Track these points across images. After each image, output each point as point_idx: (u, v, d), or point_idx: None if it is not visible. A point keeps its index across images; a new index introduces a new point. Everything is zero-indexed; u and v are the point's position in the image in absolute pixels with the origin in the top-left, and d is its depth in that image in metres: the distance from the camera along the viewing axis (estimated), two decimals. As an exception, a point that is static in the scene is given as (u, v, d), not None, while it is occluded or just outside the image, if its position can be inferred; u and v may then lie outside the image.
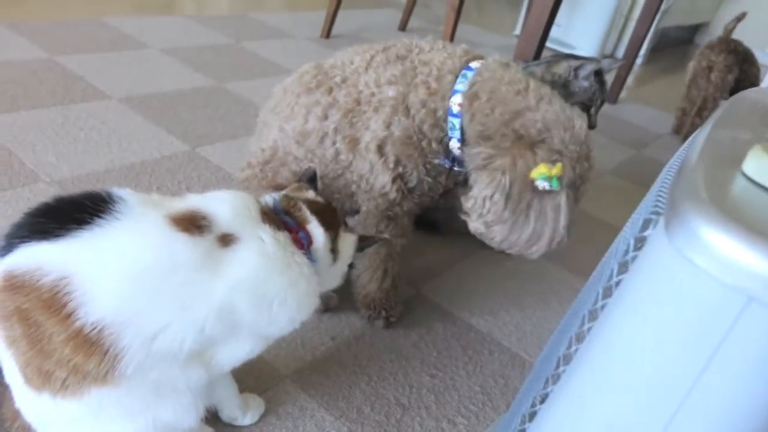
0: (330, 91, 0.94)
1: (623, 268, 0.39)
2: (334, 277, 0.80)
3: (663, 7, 3.29)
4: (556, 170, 0.79)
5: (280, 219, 0.71)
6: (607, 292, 0.40)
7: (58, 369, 0.59)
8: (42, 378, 0.60)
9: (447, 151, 0.93)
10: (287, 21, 2.79)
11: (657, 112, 2.73)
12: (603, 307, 0.40)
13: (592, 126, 1.30)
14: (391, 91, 0.90)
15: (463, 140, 0.89)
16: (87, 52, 1.93)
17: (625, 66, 2.61)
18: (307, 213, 0.73)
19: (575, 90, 1.24)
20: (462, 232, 1.42)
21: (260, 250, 0.64)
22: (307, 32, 2.67)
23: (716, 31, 3.99)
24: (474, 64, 0.90)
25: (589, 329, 0.41)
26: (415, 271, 1.27)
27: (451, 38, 2.30)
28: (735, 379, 0.31)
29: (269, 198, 0.74)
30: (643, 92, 3.07)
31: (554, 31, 3.37)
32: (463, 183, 1.03)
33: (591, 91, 1.24)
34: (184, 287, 0.60)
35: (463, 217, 0.88)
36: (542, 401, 0.46)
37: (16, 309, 0.57)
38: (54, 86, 1.65)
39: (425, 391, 0.97)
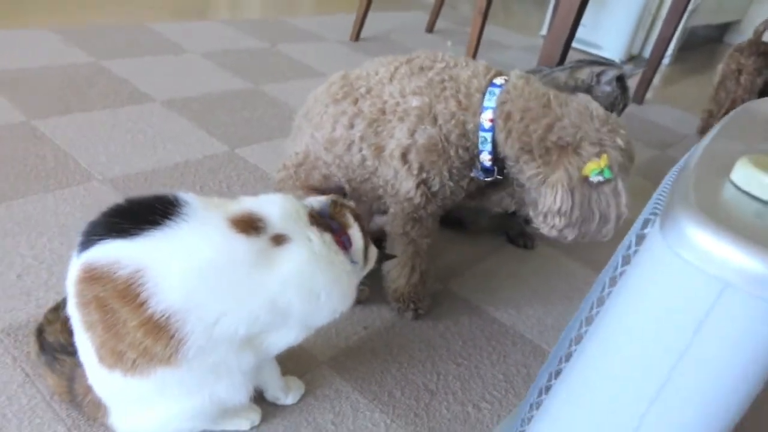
0: (356, 101, 1.01)
1: (626, 260, 0.45)
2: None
3: (691, 6, 3.29)
4: (603, 161, 0.86)
5: (326, 222, 0.78)
6: (613, 282, 0.46)
7: (130, 350, 0.67)
8: (115, 358, 0.68)
9: (474, 162, 0.99)
10: (318, 24, 2.88)
11: (683, 113, 2.75)
12: (609, 294, 0.46)
13: None
14: (415, 101, 0.97)
15: (494, 152, 0.96)
16: (131, 56, 2.04)
17: (650, 66, 2.63)
18: (350, 218, 0.80)
19: (597, 95, 1.29)
20: (487, 229, 1.49)
21: (309, 249, 0.72)
22: (337, 35, 2.75)
23: (747, 30, 3.96)
24: (498, 81, 0.96)
25: (597, 313, 0.47)
26: (443, 267, 1.33)
27: (478, 41, 2.35)
28: (715, 352, 0.37)
29: (316, 202, 0.81)
30: (669, 92, 3.08)
31: (580, 31, 3.37)
32: (491, 187, 1.10)
33: (613, 96, 1.30)
34: (242, 281, 0.68)
35: (534, 225, 0.95)
36: (556, 376, 0.53)
37: (94, 297, 0.66)
38: (103, 90, 1.76)
39: (452, 377, 1.03)
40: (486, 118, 0.94)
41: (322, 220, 0.77)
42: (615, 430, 0.42)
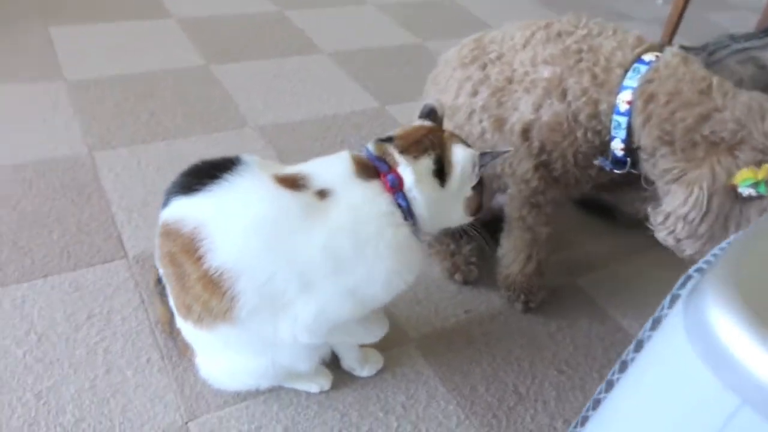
0: (484, 66, 0.92)
1: (656, 324, 0.34)
2: (453, 209, 0.76)
3: None
4: (763, 173, 0.70)
5: (373, 166, 0.72)
6: (639, 346, 0.35)
7: (195, 303, 0.70)
8: (186, 310, 0.73)
9: (604, 149, 0.85)
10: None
11: None
12: (632, 359, 0.35)
13: None
14: (546, 72, 0.85)
15: (628, 141, 0.82)
16: (314, 6, 2.11)
17: None
18: (395, 155, 0.72)
19: None
20: (642, 224, 1.30)
21: (348, 201, 0.69)
22: (528, -12, 2.56)
23: None
24: (648, 57, 0.80)
25: (618, 380, 0.36)
26: (576, 258, 1.20)
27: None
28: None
29: (364, 148, 0.75)
30: None
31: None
32: (628, 182, 0.94)
33: None
34: (291, 232, 0.67)
35: (650, 227, 0.81)
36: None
37: (168, 252, 0.70)
38: (278, 39, 1.85)
39: (548, 384, 0.94)
40: (624, 99, 0.80)
41: (369, 165, 0.72)
42: None
